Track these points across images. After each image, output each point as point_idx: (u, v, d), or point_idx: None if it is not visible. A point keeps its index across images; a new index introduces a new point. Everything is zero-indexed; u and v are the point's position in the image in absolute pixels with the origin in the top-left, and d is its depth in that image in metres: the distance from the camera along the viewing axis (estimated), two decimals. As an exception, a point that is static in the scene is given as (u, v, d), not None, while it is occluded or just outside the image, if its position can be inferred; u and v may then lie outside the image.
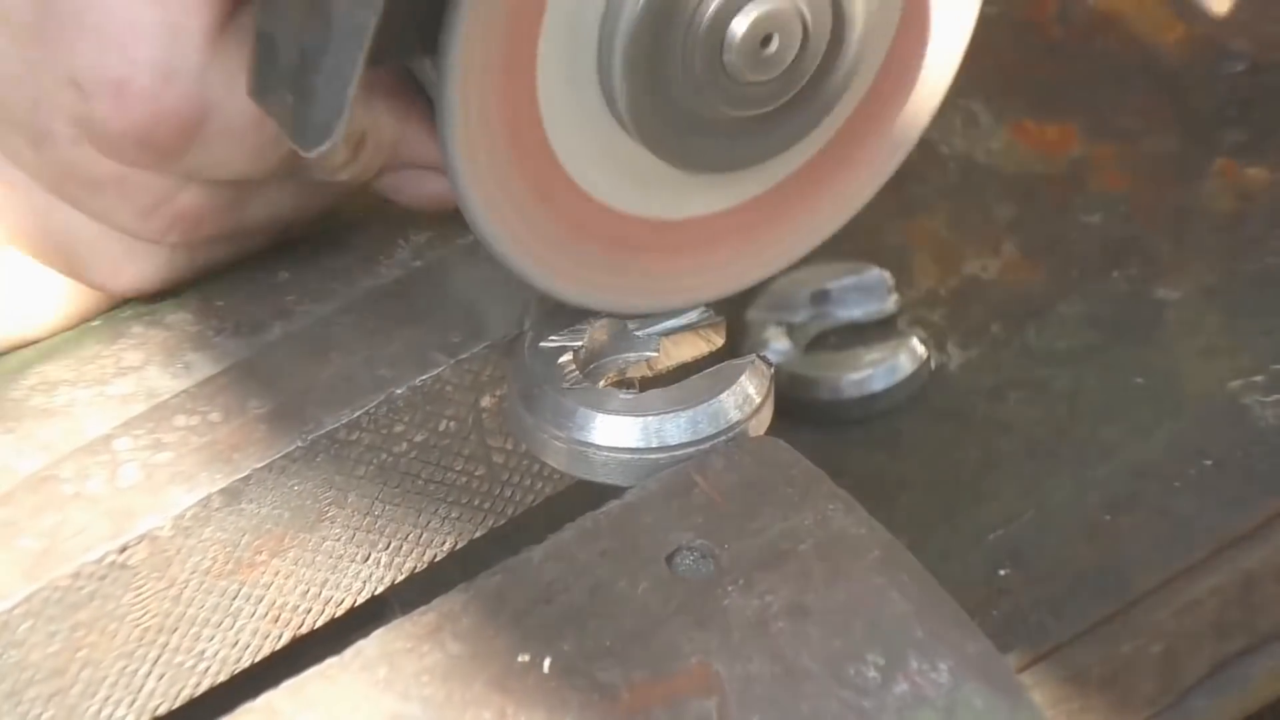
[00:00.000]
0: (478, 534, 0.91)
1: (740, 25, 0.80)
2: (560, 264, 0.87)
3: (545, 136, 0.83)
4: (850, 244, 1.05)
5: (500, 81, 0.80)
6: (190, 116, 0.82)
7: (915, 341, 1.10)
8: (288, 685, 0.78)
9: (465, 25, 0.76)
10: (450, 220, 0.89)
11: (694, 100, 0.83)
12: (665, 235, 0.90)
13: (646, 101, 0.82)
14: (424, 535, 0.89)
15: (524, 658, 0.78)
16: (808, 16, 0.82)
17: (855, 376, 1.09)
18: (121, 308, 0.93)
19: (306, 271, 0.93)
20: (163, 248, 0.90)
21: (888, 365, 1.09)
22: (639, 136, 0.84)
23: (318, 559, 0.87)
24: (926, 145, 1.23)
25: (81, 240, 0.89)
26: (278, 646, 0.87)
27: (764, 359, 0.89)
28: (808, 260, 0.96)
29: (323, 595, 0.88)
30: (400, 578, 0.89)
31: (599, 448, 0.86)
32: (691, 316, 0.91)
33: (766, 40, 0.81)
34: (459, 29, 0.76)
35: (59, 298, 0.92)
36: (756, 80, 0.83)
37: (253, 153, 0.85)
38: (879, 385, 1.09)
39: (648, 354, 0.90)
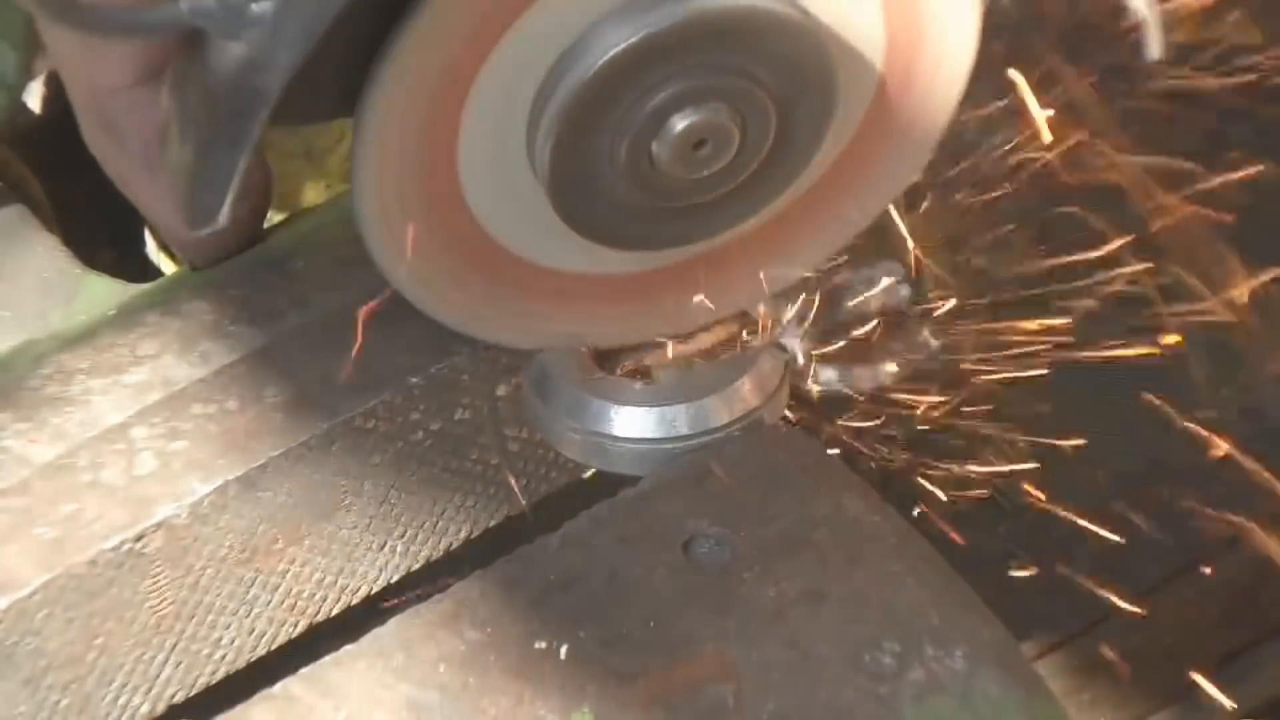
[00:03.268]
0: (493, 522, 0.91)
1: (675, 126, 0.79)
2: (485, 314, 0.86)
3: (463, 196, 0.82)
4: (861, 236, 1.05)
5: (419, 144, 0.79)
6: None
7: (926, 333, 1.10)
8: (305, 673, 0.78)
9: (384, 98, 0.76)
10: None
11: (617, 193, 0.81)
12: (602, 286, 0.89)
13: (571, 195, 0.81)
14: (439, 523, 0.89)
15: (541, 645, 0.78)
16: (747, 128, 0.80)
17: (866, 368, 1.09)
18: (137, 297, 0.93)
19: (322, 260, 0.93)
20: None
21: (899, 357, 1.09)
22: (564, 219, 0.82)
23: (334, 547, 0.87)
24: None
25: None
26: (294, 634, 0.87)
27: (778, 346, 0.89)
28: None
29: (339, 583, 0.88)
30: (416, 566, 0.89)
31: (615, 439, 0.86)
32: None
33: (699, 145, 0.80)
34: (377, 104, 0.76)
35: None
36: (686, 177, 0.81)
37: None
38: (890, 376, 1.09)
39: (661, 345, 0.90)
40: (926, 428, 1.05)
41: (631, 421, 0.86)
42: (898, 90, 0.87)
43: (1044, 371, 1.07)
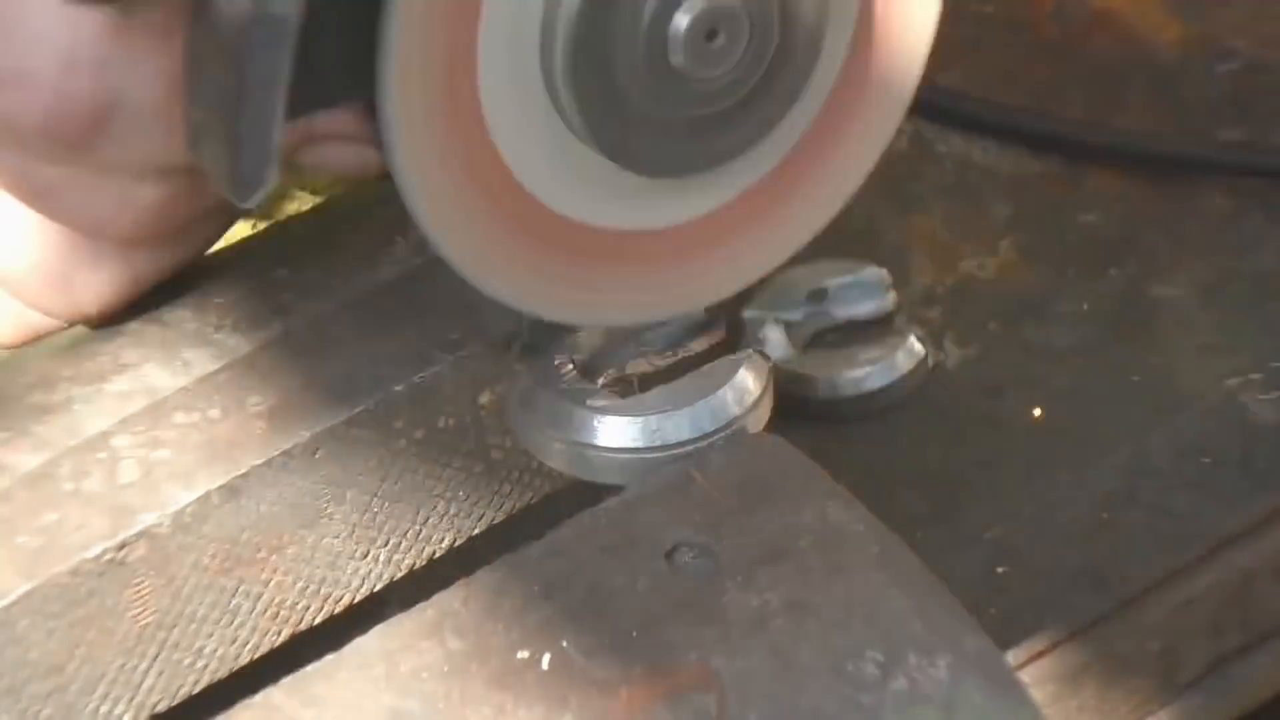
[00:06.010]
0: (476, 531, 0.91)
1: (682, 21, 0.78)
2: (527, 280, 0.85)
3: (496, 150, 0.82)
4: (847, 242, 1.05)
5: (441, 96, 0.79)
6: (95, 106, 0.81)
7: (913, 340, 1.10)
8: (287, 682, 0.78)
9: (398, 59, 0.75)
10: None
11: (641, 99, 0.81)
12: (631, 246, 0.88)
13: (594, 103, 0.80)
14: (423, 532, 0.89)
15: (523, 654, 0.78)
16: (753, 9, 0.80)
17: (853, 375, 1.09)
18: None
19: (305, 269, 0.93)
20: (126, 255, 0.90)
21: (885, 363, 1.09)
22: (590, 140, 0.82)
23: (317, 556, 0.87)
24: (923, 143, 1.23)
25: (45, 261, 0.89)
26: (277, 643, 0.87)
27: (761, 353, 0.89)
28: (804, 258, 0.96)
29: (322, 592, 0.88)
30: (399, 574, 0.90)
31: (598, 449, 0.86)
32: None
33: (711, 35, 0.79)
34: (391, 68, 0.75)
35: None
36: (706, 76, 0.81)
37: (166, 140, 0.83)
38: (876, 383, 1.09)
39: (649, 354, 0.90)
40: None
41: (614, 431, 0.86)
42: (871, 42, 0.87)
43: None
